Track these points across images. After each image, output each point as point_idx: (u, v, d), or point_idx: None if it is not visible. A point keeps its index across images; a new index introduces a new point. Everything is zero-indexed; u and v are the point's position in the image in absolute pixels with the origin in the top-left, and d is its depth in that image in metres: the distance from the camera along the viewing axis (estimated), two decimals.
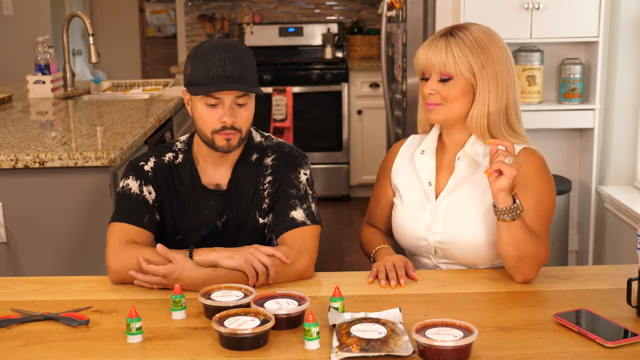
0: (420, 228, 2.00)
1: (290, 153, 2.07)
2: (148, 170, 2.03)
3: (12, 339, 1.60)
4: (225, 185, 2.04)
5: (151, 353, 1.52)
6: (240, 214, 2.04)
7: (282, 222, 1.99)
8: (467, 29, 1.96)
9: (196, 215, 2.04)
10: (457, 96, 1.94)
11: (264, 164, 2.05)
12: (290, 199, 2.00)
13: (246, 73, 1.94)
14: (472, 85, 1.93)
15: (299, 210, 1.99)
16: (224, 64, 1.91)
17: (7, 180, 2.54)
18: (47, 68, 3.97)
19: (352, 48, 6.13)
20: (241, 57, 1.94)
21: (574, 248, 3.74)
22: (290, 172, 2.03)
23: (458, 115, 1.96)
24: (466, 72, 1.92)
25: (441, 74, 1.93)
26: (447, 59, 1.92)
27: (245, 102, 1.96)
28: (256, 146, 2.08)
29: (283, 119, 5.59)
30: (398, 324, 1.56)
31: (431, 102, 1.96)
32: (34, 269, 2.58)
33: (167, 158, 2.06)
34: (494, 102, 1.93)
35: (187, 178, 2.04)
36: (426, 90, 1.96)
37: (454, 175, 1.99)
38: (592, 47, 3.47)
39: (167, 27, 7.27)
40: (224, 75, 1.90)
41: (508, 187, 1.77)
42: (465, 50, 1.92)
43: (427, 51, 1.96)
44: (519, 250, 1.81)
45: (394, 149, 2.15)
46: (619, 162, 3.54)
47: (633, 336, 1.53)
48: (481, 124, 1.94)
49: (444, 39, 1.94)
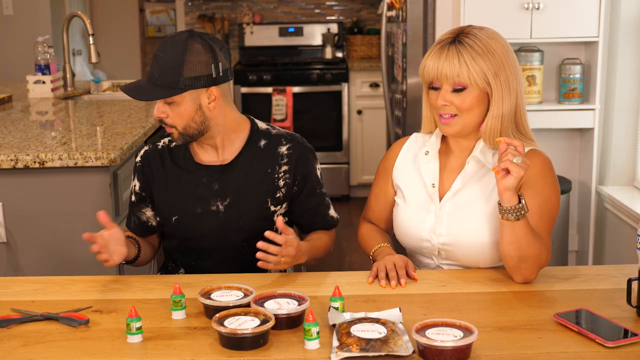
0: (424, 230, 2.00)
1: (304, 144, 2.15)
2: (138, 161, 2.15)
3: (12, 339, 1.60)
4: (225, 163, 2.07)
5: (151, 353, 1.52)
6: (247, 200, 2.06)
7: (325, 220, 2.18)
8: (474, 34, 1.91)
9: (188, 193, 2.08)
10: (471, 105, 1.91)
11: (279, 153, 2.09)
12: (324, 198, 2.18)
13: (162, 74, 1.94)
14: (487, 93, 1.91)
15: (332, 209, 2.20)
16: (152, 63, 1.98)
17: (7, 180, 2.54)
18: (47, 68, 3.97)
19: (352, 48, 6.13)
20: (158, 58, 1.96)
21: (574, 248, 3.74)
22: (311, 167, 2.13)
23: (474, 124, 1.94)
24: (480, 81, 1.89)
25: (454, 84, 1.90)
26: (461, 70, 1.88)
27: (171, 101, 1.98)
28: (262, 132, 2.11)
29: (283, 119, 5.59)
30: (398, 324, 1.56)
31: (445, 113, 1.92)
32: (34, 269, 2.58)
33: (162, 143, 2.15)
34: (507, 107, 1.91)
35: (180, 158, 2.11)
36: (440, 101, 1.91)
37: (461, 176, 1.98)
38: (592, 47, 3.47)
39: (167, 27, 7.27)
40: (144, 78, 2.00)
41: (514, 186, 1.77)
42: (478, 59, 1.88)
43: (437, 61, 1.90)
44: (520, 250, 1.81)
45: (395, 147, 2.14)
46: (619, 162, 3.54)
47: (633, 336, 1.53)
48: (493, 130, 1.92)
49: (453, 47, 1.89)
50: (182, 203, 2.08)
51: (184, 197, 2.08)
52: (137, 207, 2.15)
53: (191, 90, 1.95)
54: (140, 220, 2.17)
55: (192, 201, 2.07)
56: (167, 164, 2.10)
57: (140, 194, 2.14)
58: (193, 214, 2.07)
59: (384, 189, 2.12)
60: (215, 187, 2.06)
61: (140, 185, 2.13)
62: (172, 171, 2.10)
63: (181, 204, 2.08)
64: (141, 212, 2.15)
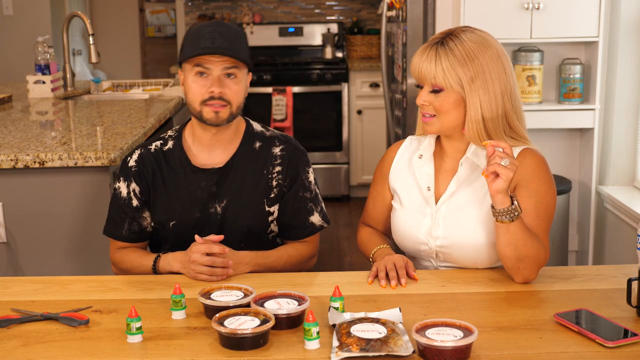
0: (421, 233, 2.00)
1: (297, 146, 2.13)
2: (132, 164, 2.08)
3: (12, 339, 1.60)
4: (221, 165, 2.06)
5: (151, 353, 1.52)
6: (242, 201, 2.06)
7: (302, 228, 2.11)
8: (459, 37, 1.91)
9: (186, 198, 2.06)
10: (449, 108, 1.92)
11: (272, 153, 2.08)
12: (306, 204, 2.10)
13: (235, 46, 1.97)
14: (463, 97, 1.91)
15: (316, 215, 2.12)
16: (214, 36, 1.95)
17: (7, 180, 2.54)
18: (47, 68, 3.97)
19: (352, 48, 6.13)
20: (231, 31, 1.99)
21: (574, 248, 3.74)
22: (301, 171, 2.09)
23: (452, 125, 1.95)
24: (456, 86, 1.89)
25: (432, 85, 1.92)
26: (437, 72, 1.89)
27: (234, 74, 1.98)
28: (257, 134, 2.11)
29: (283, 119, 5.59)
30: (398, 324, 1.56)
31: (425, 112, 1.95)
32: (34, 269, 2.58)
33: (154, 146, 2.10)
34: (488, 111, 1.90)
35: (176, 161, 2.07)
36: (419, 100, 1.94)
37: (455, 179, 1.98)
38: (592, 47, 3.47)
39: (167, 27, 7.27)
40: (213, 46, 1.94)
41: (505, 188, 1.76)
42: (454, 63, 1.88)
43: (419, 60, 1.93)
44: (517, 251, 1.81)
45: (391, 150, 2.14)
46: (619, 162, 3.54)
47: (633, 336, 1.53)
48: (477, 133, 1.92)
49: (434, 49, 1.91)
50: (180, 208, 2.06)
51: (183, 201, 2.06)
52: (139, 212, 2.08)
53: (248, 67, 2.01)
54: (141, 226, 2.09)
55: (191, 206, 2.05)
56: (163, 168, 2.06)
57: (141, 199, 2.07)
58: (192, 218, 2.06)
59: (381, 193, 2.13)
60: (213, 190, 2.05)
61: (140, 189, 2.07)
62: (169, 175, 2.06)
63: (180, 208, 2.06)
64: (142, 218, 2.09)
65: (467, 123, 1.92)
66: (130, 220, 2.08)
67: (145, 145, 2.11)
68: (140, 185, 2.07)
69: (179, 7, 6.43)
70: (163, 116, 3.36)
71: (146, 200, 2.08)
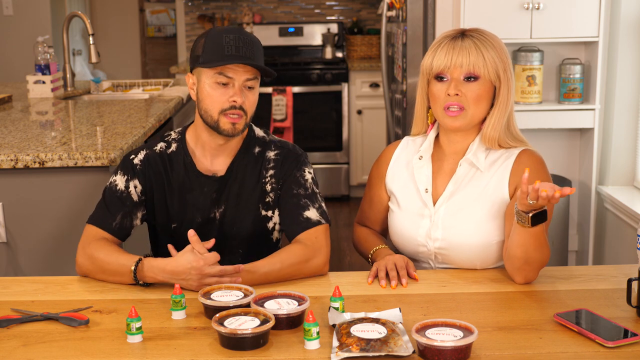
0: (420, 235, 2.00)
1: (294, 150, 2.10)
2: (137, 163, 2.05)
3: (12, 339, 1.60)
4: (223, 172, 2.05)
5: (151, 353, 1.52)
6: (240, 206, 2.05)
7: (297, 223, 1.99)
8: (481, 32, 1.96)
9: (189, 202, 2.05)
10: (480, 97, 1.92)
11: (266, 157, 2.06)
12: (300, 199, 2.01)
13: (257, 56, 1.97)
14: (495, 88, 1.94)
15: (312, 210, 2.00)
16: (238, 44, 1.93)
17: (7, 180, 2.54)
18: (47, 68, 3.97)
19: (352, 48, 6.13)
20: (253, 41, 1.98)
21: (574, 248, 3.74)
22: (295, 170, 2.05)
23: (479, 119, 1.96)
24: (493, 74, 1.92)
25: (468, 73, 1.91)
26: (477, 59, 1.91)
27: (253, 86, 1.99)
28: (258, 140, 2.10)
29: (283, 119, 5.59)
30: (398, 324, 1.56)
31: (453, 104, 1.92)
32: (34, 269, 2.58)
33: (159, 148, 2.08)
34: (509, 105, 1.96)
35: (180, 165, 2.05)
36: (452, 90, 1.91)
37: (453, 180, 1.98)
38: (592, 47, 3.47)
39: (167, 27, 7.27)
40: (238, 54, 1.93)
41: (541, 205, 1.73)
42: (493, 52, 1.92)
43: (451, 52, 1.92)
44: (527, 253, 1.80)
45: (387, 151, 2.13)
46: (619, 162, 3.54)
47: (633, 336, 1.53)
48: (498, 129, 1.95)
49: (468, 40, 1.92)
50: (183, 212, 2.05)
51: (186, 205, 2.05)
52: (136, 208, 2.04)
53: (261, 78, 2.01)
54: (131, 223, 2.04)
55: (194, 210, 2.05)
56: (168, 171, 2.05)
57: (141, 197, 2.05)
58: (193, 222, 2.05)
59: (378, 194, 2.12)
60: (214, 195, 2.05)
61: (142, 188, 2.05)
62: (174, 178, 2.05)
63: (183, 212, 2.05)
64: (136, 216, 2.05)
65: (493, 114, 1.94)
66: (124, 214, 2.02)
67: (150, 147, 2.08)
68: (144, 184, 2.05)
69: (179, 7, 6.43)
70: (163, 116, 3.36)
71: (145, 200, 2.06)
